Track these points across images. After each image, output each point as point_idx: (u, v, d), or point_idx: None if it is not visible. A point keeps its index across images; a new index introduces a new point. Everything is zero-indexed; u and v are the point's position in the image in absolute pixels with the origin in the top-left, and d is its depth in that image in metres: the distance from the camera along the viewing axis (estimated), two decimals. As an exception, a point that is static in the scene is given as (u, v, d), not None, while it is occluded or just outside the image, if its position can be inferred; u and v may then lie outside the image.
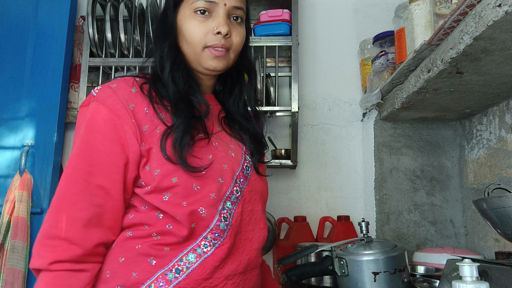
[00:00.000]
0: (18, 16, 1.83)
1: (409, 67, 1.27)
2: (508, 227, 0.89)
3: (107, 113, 0.81)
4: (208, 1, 0.87)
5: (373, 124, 1.66)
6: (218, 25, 0.87)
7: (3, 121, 1.76)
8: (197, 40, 0.87)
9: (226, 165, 0.87)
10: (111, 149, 0.80)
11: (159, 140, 0.81)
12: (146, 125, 0.82)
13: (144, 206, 0.84)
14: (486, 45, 0.91)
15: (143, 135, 0.81)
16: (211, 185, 0.83)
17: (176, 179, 0.80)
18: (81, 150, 0.80)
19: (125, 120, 0.81)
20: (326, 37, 1.89)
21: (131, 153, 0.80)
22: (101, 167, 0.79)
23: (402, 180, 1.63)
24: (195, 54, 0.89)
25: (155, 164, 0.81)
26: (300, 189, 1.79)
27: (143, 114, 0.83)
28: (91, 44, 1.68)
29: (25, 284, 1.57)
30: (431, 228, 1.60)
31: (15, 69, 1.79)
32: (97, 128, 0.80)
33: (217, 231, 0.83)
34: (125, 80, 0.87)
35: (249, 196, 0.90)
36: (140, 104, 0.84)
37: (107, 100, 0.82)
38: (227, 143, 0.93)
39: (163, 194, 0.81)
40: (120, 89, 0.84)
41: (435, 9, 1.13)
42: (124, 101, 0.82)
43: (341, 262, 1.04)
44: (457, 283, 0.75)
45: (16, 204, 1.60)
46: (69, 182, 0.79)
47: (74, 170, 0.79)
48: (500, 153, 1.35)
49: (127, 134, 0.80)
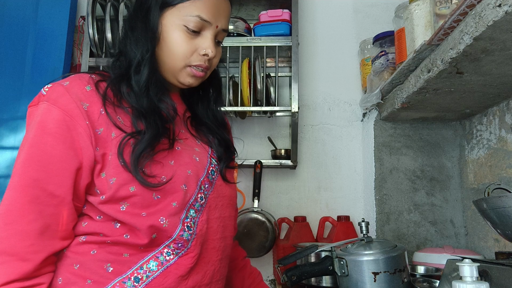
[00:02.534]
0: (18, 16, 1.83)
1: (409, 67, 1.27)
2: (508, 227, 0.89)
3: (59, 114, 0.73)
4: (204, 19, 0.81)
5: (373, 124, 1.66)
6: (207, 48, 0.82)
7: (3, 121, 1.76)
8: (181, 56, 0.82)
9: (190, 170, 0.81)
10: (64, 153, 0.72)
11: (116, 146, 0.74)
12: (101, 127, 0.75)
13: (99, 216, 0.77)
14: (486, 45, 0.91)
15: (98, 138, 0.74)
16: (173, 194, 0.77)
17: (134, 188, 0.74)
18: (30, 155, 0.72)
19: (78, 122, 0.73)
20: (326, 37, 1.89)
21: (85, 158, 0.73)
22: (53, 173, 0.71)
23: (402, 180, 1.63)
24: (174, 68, 0.83)
25: (111, 171, 0.74)
26: (300, 189, 1.79)
27: (97, 115, 0.75)
28: (91, 44, 1.68)
29: (25, 284, 1.57)
30: (431, 228, 1.60)
31: (15, 69, 1.79)
32: (48, 130, 0.72)
33: (180, 241, 0.78)
34: (79, 77, 0.79)
35: (214, 202, 0.85)
36: (95, 104, 0.76)
37: (59, 99, 0.74)
38: (192, 147, 0.87)
39: (120, 204, 0.75)
40: (74, 87, 0.76)
41: (435, 9, 1.13)
42: (77, 100, 0.74)
43: (341, 262, 1.04)
44: (457, 283, 0.75)
45: (16, 204, 1.60)
46: (17, 191, 0.70)
47: (23, 178, 0.71)
48: (500, 153, 1.35)
49: (81, 137, 0.73)
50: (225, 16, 0.86)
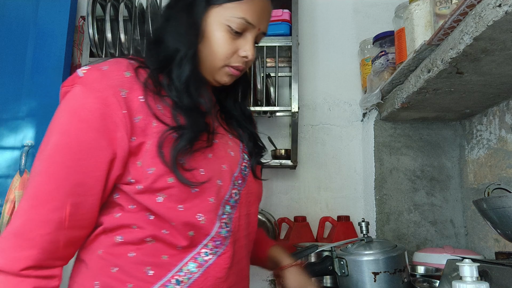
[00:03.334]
0: (18, 16, 1.83)
1: (409, 67, 1.27)
2: (508, 227, 0.89)
3: (94, 101, 0.69)
4: (249, 22, 0.80)
5: (373, 124, 1.66)
6: (247, 50, 0.82)
7: (3, 121, 1.76)
8: (222, 56, 0.80)
9: (225, 165, 0.80)
10: (97, 142, 0.69)
11: (156, 136, 0.72)
12: (140, 115, 0.72)
13: (131, 205, 0.74)
14: (486, 45, 0.91)
15: (135, 126, 0.71)
16: (210, 189, 0.75)
17: (173, 179, 0.71)
18: (61, 142, 0.69)
19: (114, 111, 0.70)
20: (326, 37, 1.89)
21: (119, 149, 0.70)
22: (83, 162, 0.69)
23: (402, 180, 1.63)
24: (213, 67, 0.82)
25: (149, 161, 0.71)
26: (300, 189, 1.79)
27: (137, 103, 0.72)
28: (91, 44, 1.68)
29: (25, 284, 1.57)
30: (431, 228, 1.60)
31: (15, 69, 1.79)
32: (82, 117, 0.69)
33: (218, 239, 0.77)
34: (118, 61, 0.76)
35: (246, 198, 0.84)
36: (135, 91, 0.73)
37: (95, 85, 0.70)
38: (226, 140, 0.86)
39: (157, 195, 0.72)
40: (112, 71, 0.73)
41: (435, 9, 1.13)
42: (115, 86, 0.71)
43: (341, 262, 1.04)
44: (457, 283, 0.75)
45: (16, 204, 1.60)
46: (45, 177, 0.68)
47: (52, 164, 0.69)
48: (500, 153, 1.35)
49: (116, 127, 0.70)
50: (267, 19, 0.85)
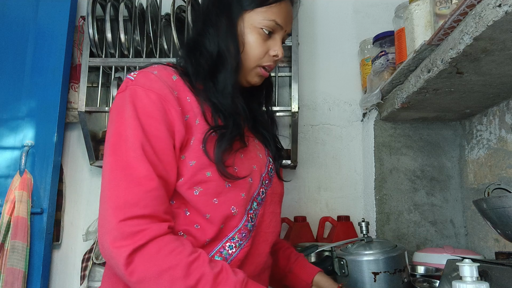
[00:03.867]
0: (18, 16, 1.83)
1: (409, 67, 1.27)
2: (508, 227, 0.89)
3: (157, 97, 0.77)
4: (278, 24, 0.88)
5: (373, 124, 1.66)
6: (277, 49, 0.89)
7: (3, 121, 1.76)
8: (256, 57, 0.88)
9: (256, 165, 0.88)
10: (166, 134, 0.76)
11: (199, 131, 0.79)
12: (188, 114, 0.80)
13: (172, 201, 0.80)
14: (486, 45, 0.91)
15: (186, 123, 0.79)
16: (242, 185, 0.83)
17: (210, 173, 0.79)
18: (137, 136, 0.73)
19: (173, 105, 0.78)
20: (326, 37, 1.89)
21: (177, 139, 0.78)
22: (162, 153, 0.75)
23: (402, 180, 1.63)
24: (247, 68, 0.89)
25: (192, 155, 0.79)
26: (300, 189, 1.79)
27: (186, 103, 0.81)
28: (91, 44, 1.68)
29: (25, 284, 1.57)
30: (431, 228, 1.60)
31: (15, 69, 1.79)
32: (150, 113, 0.76)
33: (245, 231, 0.83)
34: (164, 67, 0.84)
35: (270, 198, 0.92)
36: (182, 92, 0.81)
37: (154, 85, 0.78)
38: (253, 144, 0.94)
39: (194, 188, 0.78)
40: (163, 76, 0.81)
41: (435, 9, 1.13)
42: (169, 87, 0.79)
43: (341, 262, 1.04)
44: (457, 283, 0.75)
45: (16, 204, 1.60)
46: (136, 165, 0.72)
47: (136, 155, 0.72)
48: (500, 153, 1.35)
49: (175, 119, 0.77)
50: (291, 21, 0.93)
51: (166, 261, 0.68)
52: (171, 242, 0.71)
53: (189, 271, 0.68)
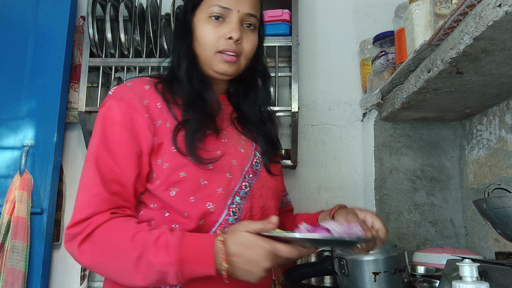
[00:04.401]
0: (18, 16, 1.83)
1: (409, 67, 1.27)
2: (508, 227, 0.89)
3: (125, 106, 0.84)
4: (223, 7, 0.89)
5: (373, 124, 1.66)
6: (230, 31, 0.89)
7: (3, 121, 1.76)
8: (209, 44, 0.90)
9: (235, 160, 0.89)
10: (128, 139, 0.83)
11: (169, 134, 0.84)
12: (159, 120, 0.85)
13: (153, 204, 0.85)
14: (486, 45, 0.91)
15: (157, 129, 0.85)
16: (218, 180, 0.84)
17: (184, 173, 0.82)
18: (101, 141, 0.83)
19: (140, 113, 0.84)
20: (326, 37, 1.89)
21: (144, 144, 0.83)
22: (120, 156, 0.82)
23: (402, 180, 1.63)
24: (207, 58, 0.91)
25: (165, 157, 0.83)
26: (300, 189, 1.79)
27: (156, 110, 0.86)
28: (91, 44, 1.68)
29: (25, 284, 1.57)
30: (431, 228, 1.60)
31: (15, 69, 1.79)
32: (116, 121, 0.84)
33: (226, 225, 0.84)
34: (140, 79, 0.92)
35: (259, 192, 0.91)
36: (153, 100, 0.87)
37: (124, 95, 0.86)
38: (238, 140, 0.95)
39: (170, 189, 0.83)
40: (136, 86, 0.88)
41: (435, 9, 1.13)
42: (139, 96, 0.86)
43: (341, 262, 1.04)
44: (457, 283, 0.75)
45: (16, 204, 1.60)
46: (92, 170, 0.81)
47: (96, 160, 0.82)
48: (500, 153, 1.35)
49: (141, 126, 0.83)
50: (247, 1, 0.92)
51: (111, 241, 0.76)
52: (113, 224, 0.78)
53: (133, 244, 0.74)
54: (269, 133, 1.02)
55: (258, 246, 0.72)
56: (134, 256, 0.74)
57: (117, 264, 0.76)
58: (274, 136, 1.04)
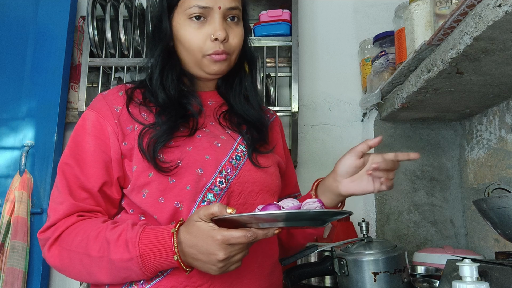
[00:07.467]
0: (18, 16, 1.83)
1: (409, 67, 1.27)
2: (508, 227, 0.89)
3: (95, 115, 0.87)
4: (202, 6, 0.85)
5: (373, 124, 1.66)
6: (215, 31, 0.85)
7: (3, 121, 1.76)
8: (195, 48, 0.86)
9: (209, 155, 0.84)
10: (96, 147, 0.84)
11: (136, 137, 0.84)
12: (131, 125, 0.86)
13: (131, 210, 0.86)
14: (486, 45, 0.91)
15: (128, 134, 0.85)
16: (187, 177, 0.81)
17: (152, 174, 0.82)
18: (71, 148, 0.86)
19: (108, 121, 0.85)
20: (326, 37, 1.89)
21: (113, 152, 0.84)
22: (86, 165, 0.84)
23: (402, 180, 1.63)
24: (196, 61, 0.88)
25: (135, 161, 0.84)
26: (300, 189, 1.79)
27: (127, 115, 0.87)
28: (91, 44, 1.68)
29: (25, 284, 1.57)
30: (431, 228, 1.60)
31: (15, 69, 1.79)
32: (86, 130, 0.86)
33: None
34: (117, 87, 0.93)
35: (239, 188, 0.86)
36: (125, 105, 0.88)
37: (96, 105, 0.89)
38: (217, 135, 0.90)
39: (142, 192, 0.83)
40: (110, 95, 0.90)
41: (435, 9, 1.13)
42: (110, 104, 0.87)
43: (341, 262, 1.04)
44: (457, 283, 0.74)
45: (16, 204, 1.60)
46: (60, 176, 0.85)
47: (64, 166, 0.85)
48: (500, 153, 1.35)
49: (109, 134, 0.85)
50: None
51: (76, 243, 0.78)
52: (78, 226, 0.80)
53: (95, 244, 0.76)
54: (257, 116, 0.95)
55: (209, 236, 0.69)
56: (97, 256, 0.76)
57: (83, 265, 0.77)
58: (261, 121, 0.96)
